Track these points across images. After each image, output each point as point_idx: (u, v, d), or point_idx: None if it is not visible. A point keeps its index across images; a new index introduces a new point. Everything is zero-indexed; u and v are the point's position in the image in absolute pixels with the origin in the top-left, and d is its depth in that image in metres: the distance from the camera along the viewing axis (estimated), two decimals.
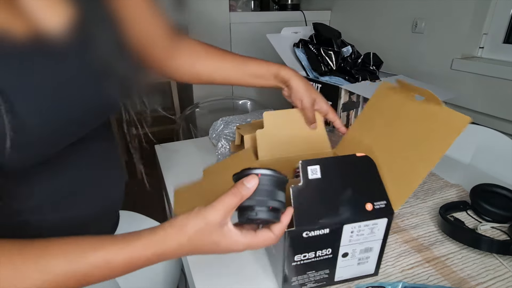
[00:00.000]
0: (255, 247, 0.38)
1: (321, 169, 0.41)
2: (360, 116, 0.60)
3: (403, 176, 0.44)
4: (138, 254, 0.35)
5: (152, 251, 0.36)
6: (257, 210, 0.37)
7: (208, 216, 0.36)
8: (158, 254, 0.36)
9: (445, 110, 0.45)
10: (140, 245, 0.36)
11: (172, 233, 0.36)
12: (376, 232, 0.43)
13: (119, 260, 0.35)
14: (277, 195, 0.38)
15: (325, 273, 0.45)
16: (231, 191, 0.37)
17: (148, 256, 0.36)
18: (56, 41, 0.37)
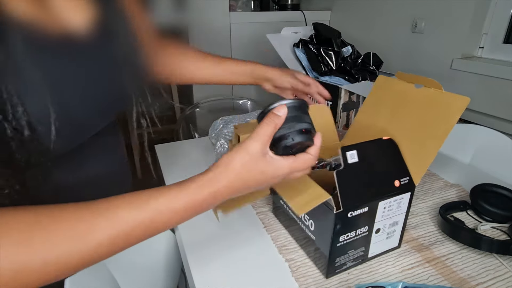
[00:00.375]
0: (298, 169, 0.41)
1: (358, 153, 0.44)
2: (363, 107, 0.61)
3: (417, 154, 0.48)
4: (195, 196, 0.37)
5: (207, 191, 0.37)
6: (292, 135, 0.40)
7: (250, 148, 0.38)
8: (213, 193, 0.38)
9: (445, 93, 0.48)
10: (195, 187, 0.37)
11: (220, 171, 0.38)
12: (402, 206, 0.48)
13: (180, 204, 0.37)
14: (304, 118, 0.41)
15: (361, 251, 0.48)
16: (264, 122, 0.39)
17: (204, 197, 0.37)
18: (82, 37, 0.40)
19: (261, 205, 0.64)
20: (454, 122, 0.46)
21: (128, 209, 0.35)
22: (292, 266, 0.49)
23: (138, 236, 0.36)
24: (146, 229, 0.36)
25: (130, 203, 0.36)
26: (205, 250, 0.53)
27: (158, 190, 0.37)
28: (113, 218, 0.34)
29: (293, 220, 0.53)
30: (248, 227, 0.58)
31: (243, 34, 1.73)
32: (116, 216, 0.34)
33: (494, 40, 1.13)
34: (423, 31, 1.27)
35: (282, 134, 0.40)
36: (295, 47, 1.16)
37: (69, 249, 0.32)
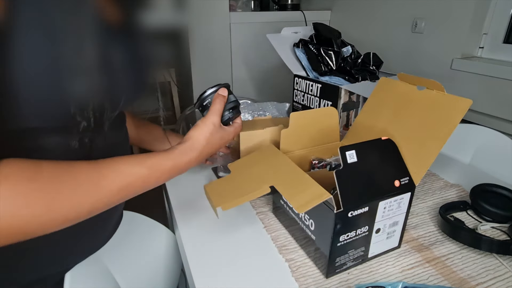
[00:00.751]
0: (236, 133, 0.59)
1: (357, 153, 0.44)
2: (365, 107, 0.61)
3: (418, 154, 0.48)
4: (179, 160, 0.48)
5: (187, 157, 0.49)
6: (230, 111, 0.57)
7: (213, 120, 0.53)
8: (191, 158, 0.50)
9: (448, 95, 0.48)
10: (178, 153, 0.49)
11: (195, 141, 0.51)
12: (402, 206, 0.48)
13: (168, 165, 0.47)
14: (232, 97, 0.58)
15: (361, 251, 0.48)
16: (216, 101, 0.55)
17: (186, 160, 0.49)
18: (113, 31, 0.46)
19: (261, 205, 0.64)
20: (456, 124, 0.46)
21: (131, 164, 0.43)
22: (292, 266, 0.49)
23: (137, 187, 0.44)
24: (143, 183, 0.44)
25: (130, 161, 0.43)
26: (205, 250, 0.53)
27: (150, 154, 0.46)
28: (117, 170, 0.42)
29: (293, 220, 0.53)
30: (248, 227, 0.58)
31: (243, 34, 1.73)
32: (119, 169, 0.42)
33: (494, 40, 1.13)
34: (423, 31, 1.27)
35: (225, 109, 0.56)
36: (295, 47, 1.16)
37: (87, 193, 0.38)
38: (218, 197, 0.51)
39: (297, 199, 0.43)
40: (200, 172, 0.76)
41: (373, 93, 0.61)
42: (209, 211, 0.61)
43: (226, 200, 0.48)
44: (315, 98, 1.05)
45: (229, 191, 0.51)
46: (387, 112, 0.56)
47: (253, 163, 0.56)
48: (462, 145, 0.81)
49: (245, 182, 0.52)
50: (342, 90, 0.95)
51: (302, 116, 0.61)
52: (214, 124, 0.52)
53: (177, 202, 0.66)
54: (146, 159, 0.45)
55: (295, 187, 0.46)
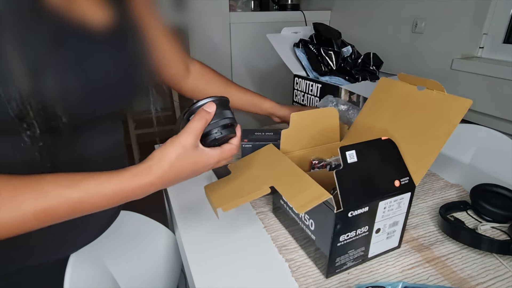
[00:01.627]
0: (224, 158, 0.47)
1: (357, 153, 0.44)
2: (365, 107, 0.61)
3: (418, 154, 0.48)
4: (126, 184, 0.40)
5: (139, 181, 0.40)
6: (219, 130, 0.46)
7: (183, 142, 0.42)
8: (145, 183, 0.41)
9: (448, 95, 0.48)
10: (128, 175, 0.40)
11: (154, 163, 0.41)
12: (402, 206, 0.48)
13: (108, 189, 0.39)
14: (227, 113, 0.47)
15: (361, 251, 0.48)
16: (196, 117, 0.44)
17: (136, 186, 0.40)
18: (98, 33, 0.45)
19: (261, 205, 0.64)
20: (456, 124, 0.46)
21: (56, 186, 0.37)
22: (292, 266, 0.49)
23: (63, 213, 0.38)
24: (72, 208, 0.38)
25: (59, 180, 0.38)
26: (205, 250, 0.53)
27: (91, 174, 0.39)
28: (39, 193, 0.36)
29: (293, 220, 0.53)
30: (248, 227, 0.58)
31: (243, 34, 1.73)
32: (43, 190, 0.36)
33: (494, 40, 1.13)
34: (423, 31, 1.27)
35: (210, 129, 0.45)
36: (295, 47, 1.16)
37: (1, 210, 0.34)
38: (218, 198, 0.51)
39: (297, 199, 0.43)
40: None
41: (373, 93, 0.61)
42: (209, 211, 0.61)
43: (226, 201, 0.48)
44: (315, 98, 1.05)
45: (229, 192, 0.51)
46: (387, 112, 0.56)
47: (253, 164, 0.56)
48: (462, 145, 0.81)
49: (245, 182, 0.52)
50: (342, 90, 0.95)
51: (303, 117, 0.61)
52: (184, 145, 0.42)
53: (177, 202, 0.66)
54: (81, 179, 0.38)
55: (295, 187, 0.46)
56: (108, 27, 0.47)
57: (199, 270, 0.49)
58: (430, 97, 0.51)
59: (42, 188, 0.36)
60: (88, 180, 0.38)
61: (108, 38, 0.46)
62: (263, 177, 0.51)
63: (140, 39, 0.52)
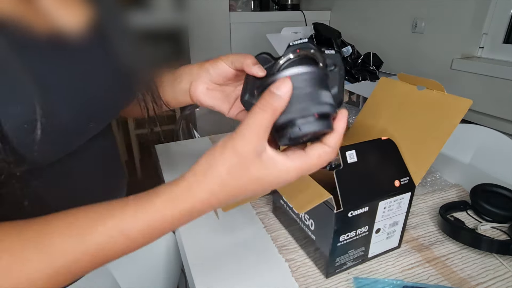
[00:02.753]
0: (311, 170, 0.30)
1: (357, 153, 0.44)
2: (365, 107, 0.61)
3: (418, 154, 0.48)
4: (160, 216, 0.28)
5: (178, 209, 0.28)
6: (300, 123, 0.28)
7: (238, 148, 0.28)
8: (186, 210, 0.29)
9: (448, 95, 0.48)
10: (160, 205, 0.28)
11: (197, 181, 0.28)
12: (402, 206, 0.48)
13: (137, 228, 0.29)
14: (321, 95, 0.28)
15: (361, 251, 0.49)
16: (257, 106, 0.28)
17: (173, 216, 0.29)
18: (74, 38, 0.38)
19: (261, 205, 0.64)
20: (456, 124, 0.46)
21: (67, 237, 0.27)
22: (292, 266, 0.49)
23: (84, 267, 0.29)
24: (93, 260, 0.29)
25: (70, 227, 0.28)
26: (205, 250, 0.53)
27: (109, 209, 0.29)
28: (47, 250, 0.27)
29: (293, 220, 0.53)
30: (248, 227, 0.58)
31: (243, 34, 1.73)
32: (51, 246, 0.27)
33: (494, 40, 1.13)
34: (423, 31, 1.27)
35: (286, 120, 0.28)
36: None
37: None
38: None
39: (297, 199, 0.43)
40: None
41: (373, 93, 0.61)
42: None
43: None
44: None
45: None
46: (387, 112, 0.56)
47: None
48: (462, 145, 0.81)
49: None
50: None
51: None
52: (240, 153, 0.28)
53: None
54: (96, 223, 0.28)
55: (295, 187, 0.46)
56: (88, 29, 0.40)
57: (199, 270, 0.49)
58: (430, 97, 0.51)
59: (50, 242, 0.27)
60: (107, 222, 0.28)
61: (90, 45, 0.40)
62: None
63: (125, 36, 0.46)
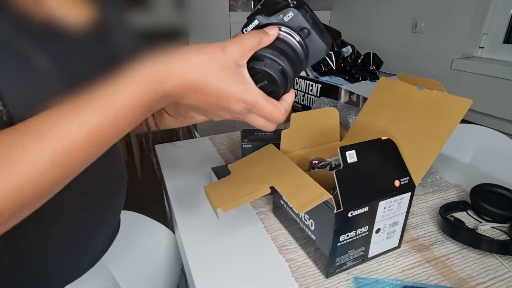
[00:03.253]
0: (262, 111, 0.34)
1: (357, 153, 0.44)
2: (365, 107, 0.61)
3: (418, 154, 0.48)
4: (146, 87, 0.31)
5: (155, 78, 0.30)
6: (267, 62, 0.33)
7: (226, 47, 0.32)
8: (160, 81, 0.31)
9: (448, 95, 0.48)
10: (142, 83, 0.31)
11: (177, 56, 0.31)
12: (402, 206, 0.48)
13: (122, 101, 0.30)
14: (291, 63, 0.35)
15: (361, 251, 0.48)
16: (250, 32, 0.34)
17: (155, 85, 0.31)
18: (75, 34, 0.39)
19: (261, 205, 0.64)
20: (456, 124, 0.46)
21: (58, 121, 0.29)
22: (292, 266, 0.49)
23: (82, 149, 0.30)
24: (88, 139, 0.30)
25: (60, 113, 0.29)
26: (205, 250, 0.53)
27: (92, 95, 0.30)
28: (44, 135, 0.28)
29: (293, 220, 0.53)
30: (248, 227, 0.58)
31: None
32: (47, 132, 0.28)
33: (494, 40, 1.13)
34: (423, 31, 1.27)
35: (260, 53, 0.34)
36: None
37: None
38: (218, 198, 0.51)
39: (297, 199, 0.43)
40: (200, 172, 0.76)
41: (373, 93, 0.61)
42: (209, 211, 0.61)
43: (226, 201, 0.48)
44: (315, 98, 1.05)
45: (229, 192, 0.51)
46: (387, 112, 0.56)
47: (253, 164, 0.56)
48: (462, 145, 0.81)
49: (245, 182, 0.52)
50: (342, 90, 0.95)
51: (303, 117, 0.61)
52: (224, 51, 0.32)
53: (177, 202, 0.66)
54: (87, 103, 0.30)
55: (295, 187, 0.46)
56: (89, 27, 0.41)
57: (199, 270, 0.49)
58: (430, 97, 0.51)
59: (47, 129, 0.28)
60: (91, 102, 0.30)
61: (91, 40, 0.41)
62: (263, 177, 0.51)
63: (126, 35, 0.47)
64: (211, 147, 0.89)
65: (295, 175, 0.48)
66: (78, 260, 0.51)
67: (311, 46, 0.37)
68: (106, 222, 0.55)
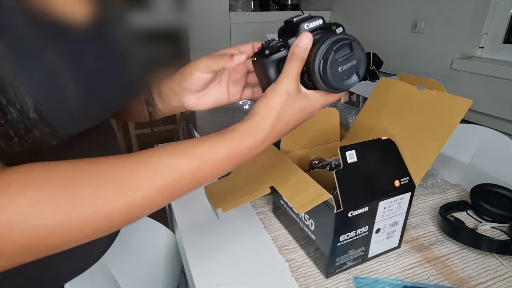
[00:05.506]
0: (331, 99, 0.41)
1: (357, 153, 0.44)
2: (365, 107, 0.61)
3: (418, 154, 0.48)
4: (238, 144, 0.38)
5: (251, 140, 0.38)
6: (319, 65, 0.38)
7: (286, 87, 0.38)
8: (257, 141, 0.38)
9: (448, 95, 0.48)
10: (238, 136, 0.38)
11: (261, 118, 0.38)
12: (402, 206, 0.48)
13: (223, 153, 0.37)
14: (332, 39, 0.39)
15: (361, 251, 0.48)
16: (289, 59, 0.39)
17: (248, 145, 0.38)
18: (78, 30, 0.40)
19: (261, 205, 0.64)
20: (456, 124, 0.46)
21: (172, 157, 0.35)
22: (292, 266, 0.49)
23: (184, 185, 0.35)
24: (192, 178, 0.35)
25: (174, 150, 0.35)
26: (205, 250, 0.53)
27: (200, 139, 0.37)
28: (158, 166, 0.33)
29: (293, 220, 0.53)
30: (248, 227, 0.58)
31: (243, 34, 1.73)
32: (159, 164, 0.34)
33: (494, 40, 1.13)
34: (423, 31, 1.27)
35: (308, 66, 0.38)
36: None
37: (115, 195, 0.31)
38: (218, 198, 0.51)
39: (297, 199, 0.43)
40: None
41: (373, 93, 0.61)
42: (209, 211, 0.61)
43: (226, 201, 0.48)
44: None
45: (229, 192, 0.51)
46: (387, 112, 0.56)
47: (253, 164, 0.56)
48: (462, 145, 0.81)
49: (245, 182, 0.52)
50: None
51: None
52: (287, 91, 0.38)
53: (177, 202, 0.66)
54: (193, 147, 0.36)
55: (295, 187, 0.46)
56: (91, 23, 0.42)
57: (199, 270, 0.49)
58: (430, 97, 0.51)
59: (159, 161, 0.34)
60: (201, 146, 0.36)
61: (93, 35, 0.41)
62: (263, 177, 0.51)
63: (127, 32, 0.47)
64: None
65: (295, 175, 0.48)
66: (78, 258, 0.51)
67: None
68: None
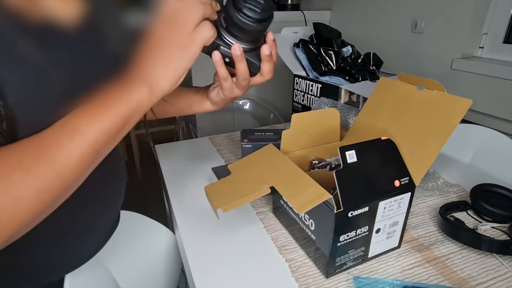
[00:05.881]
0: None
1: (357, 153, 0.44)
2: (365, 107, 0.62)
3: (418, 154, 0.48)
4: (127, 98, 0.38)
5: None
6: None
7: None
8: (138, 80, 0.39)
9: (448, 95, 0.48)
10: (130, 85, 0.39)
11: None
12: (402, 206, 0.48)
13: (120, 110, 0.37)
14: None
15: (362, 251, 0.48)
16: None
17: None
18: (68, 30, 0.40)
19: (261, 205, 0.64)
20: (456, 124, 0.46)
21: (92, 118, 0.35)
22: (292, 266, 0.49)
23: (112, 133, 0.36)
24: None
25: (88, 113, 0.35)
26: (205, 250, 0.53)
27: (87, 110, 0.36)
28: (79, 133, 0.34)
29: (293, 220, 0.53)
30: (248, 227, 0.58)
31: None
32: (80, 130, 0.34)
33: (494, 40, 1.13)
34: (423, 31, 1.27)
35: None
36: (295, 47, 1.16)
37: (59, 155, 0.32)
38: (218, 199, 0.51)
39: (297, 199, 0.43)
40: (200, 172, 0.76)
41: (373, 93, 0.61)
42: (209, 211, 0.61)
43: (226, 202, 0.48)
44: (315, 98, 1.05)
45: (229, 192, 0.51)
46: (387, 112, 0.56)
47: (253, 164, 0.56)
48: (462, 145, 0.81)
49: (245, 183, 0.52)
50: (342, 90, 0.95)
51: (304, 117, 0.61)
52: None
53: (177, 202, 0.66)
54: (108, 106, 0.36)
55: (295, 188, 0.46)
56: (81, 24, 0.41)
57: (199, 270, 0.49)
58: (430, 97, 0.51)
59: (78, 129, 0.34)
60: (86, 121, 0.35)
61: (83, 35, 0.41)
62: (263, 177, 0.51)
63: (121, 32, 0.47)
64: (211, 147, 0.89)
65: (295, 175, 0.48)
66: (75, 251, 0.51)
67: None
68: (105, 216, 0.55)
